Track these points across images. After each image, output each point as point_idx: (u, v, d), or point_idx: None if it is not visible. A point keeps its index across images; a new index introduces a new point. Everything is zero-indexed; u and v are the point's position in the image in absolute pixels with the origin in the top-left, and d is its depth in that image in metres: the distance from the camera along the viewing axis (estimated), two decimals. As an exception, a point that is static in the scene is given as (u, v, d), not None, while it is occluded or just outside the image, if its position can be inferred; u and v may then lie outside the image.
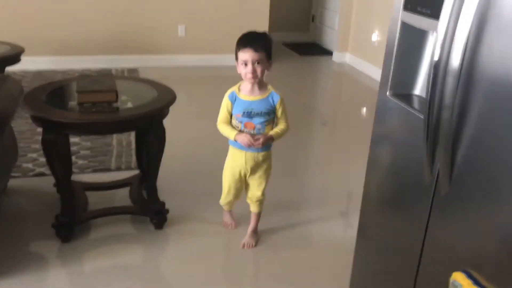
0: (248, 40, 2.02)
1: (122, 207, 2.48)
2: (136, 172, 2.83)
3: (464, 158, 1.19)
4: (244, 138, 2.06)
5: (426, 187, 1.33)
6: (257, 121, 2.09)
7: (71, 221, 2.25)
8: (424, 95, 1.35)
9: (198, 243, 2.38)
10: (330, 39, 6.61)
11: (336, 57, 6.23)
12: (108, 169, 3.00)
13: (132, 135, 3.44)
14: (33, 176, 2.88)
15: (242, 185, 2.28)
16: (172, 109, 2.34)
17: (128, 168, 3.01)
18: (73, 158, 3.02)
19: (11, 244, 2.28)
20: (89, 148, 3.27)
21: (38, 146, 3.24)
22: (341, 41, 6.15)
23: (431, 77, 1.20)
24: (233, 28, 5.58)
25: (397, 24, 1.44)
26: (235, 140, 2.09)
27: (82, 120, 2.01)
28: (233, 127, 2.11)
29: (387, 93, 1.51)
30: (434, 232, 1.32)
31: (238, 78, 2.15)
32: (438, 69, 1.19)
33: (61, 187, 2.22)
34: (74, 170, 2.85)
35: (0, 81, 2.42)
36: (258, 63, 2.01)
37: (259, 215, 2.36)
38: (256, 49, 1.99)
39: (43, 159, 3.05)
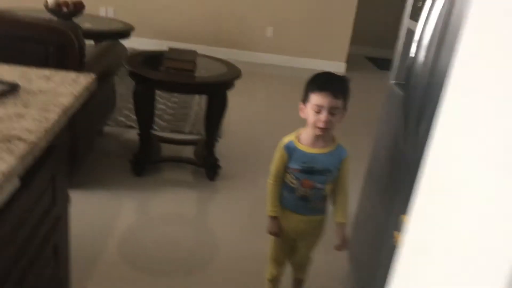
0: (327, 82, 1.66)
1: (185, 157, 3.06)
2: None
3: (426, 129, 1.58)
4: (275, 228, 1.78)
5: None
6: (318, 179, 1.70)
7: (145, 159, 2.85)
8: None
9: (241, 197, 2.88)
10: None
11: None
12: (182, 132, 3.61)
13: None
14: (124, 127, 3.55)
15: (289, 249, 1.90)
16: (249, 96, 2.78)
17: (199, 134, 3.59)
18: (157, 119, 3.67)
19: (99, 171, 2.93)
20: (171, 114, 3.91)
21: (132, 106, 3.94)
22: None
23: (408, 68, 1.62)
24: (316, 34, 6.07)
25: (404, 30, 1.86)
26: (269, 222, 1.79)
27: (165, 78, 2.61)
28: (286, 183, 1.75)
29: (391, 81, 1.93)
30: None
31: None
32: (414, 63, 1.59)
33: (142, 132, 2.83)
34: (155, 128, 3.50)
35: (113, 45, 3.11)
36: (334, 112, 1.63)
37: (303, 281, 2.01)
38: (335, 95, 1.61)
39: (134, 117, 3.73)
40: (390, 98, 1.93)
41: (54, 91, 1.38)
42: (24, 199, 1.13)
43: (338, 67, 6.07)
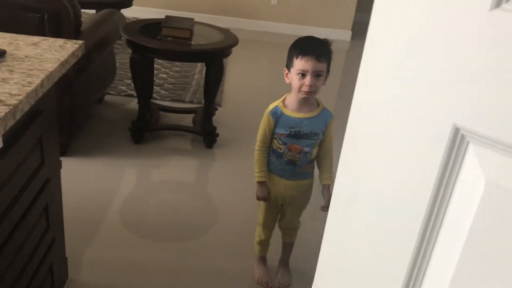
0: (310, 46, 1.67)
1: (184, 125, 3.11)
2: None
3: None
4: (263, 193, 1.82)
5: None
6: (305, 143, 1.73)
7: (143, 127, 2.90)
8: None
9: (238, 164, 2.92)
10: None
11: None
12: (182, 101, 3.64)
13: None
14: (124, 96, 3.58)
15: (277, 214, 1.95)
16: (252, 65, 2.78)
17: (199, 103, 3.61)
18: (158, 88, 3.71)
19: (99, 138, 2.99)
20: (172, 83, 3.93)
21: (132, 74, 3.97)
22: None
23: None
24: (321, 1, 5.99)
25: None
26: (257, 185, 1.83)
27: (161, 46, 2.63)
28: (273, 149, 1.79)
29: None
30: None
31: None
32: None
33: (140, 100, 2.87)
34: (156, 97, 3.53)
35: (111, 14, 3.12)
36: (318, 75, 1.65)
37: (292, 245, 2.03)
38: (319, 58, 1.63)
39: (134, 85, 3.77)
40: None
41: (40, 57, 1.41)
42: (8, 159, 1.18)
43: (343, 35, 6.02)
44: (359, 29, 6.55)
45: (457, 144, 0.48)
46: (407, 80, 0.49)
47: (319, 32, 1.74)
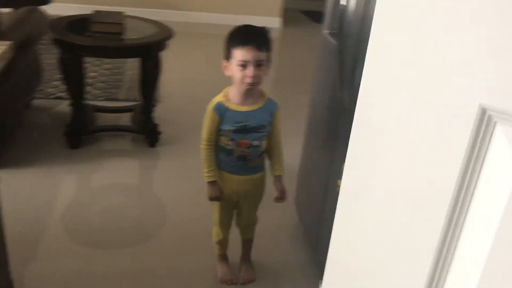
0: (249, 35, 1.60)
1: (122, 125, 2.96)
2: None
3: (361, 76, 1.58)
4: (216, 193, 1.74)
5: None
6: (253, 137, 1.67)
7: (79, 130, 2.72)
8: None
9: (184, 162, 2.82)
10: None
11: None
12: (117, 99, 3.47)
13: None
14: (53, 98, 3.36)
15: (233, 211, 1.88)
16: (186, 57, 2.69)
17: (135, 100, 3.44)
18: (89, 88, 3.50)
19: (32, 146, 2.77)
20: (104, 81, 3.74)
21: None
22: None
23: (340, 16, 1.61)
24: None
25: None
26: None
27: (91, 43, 2.47)
28: (221, 147, 1.71)
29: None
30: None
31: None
32: (345, 10, 1.58)
33: (73, 102, 2.69)
34: (89, 97, 3.34)
35: (30, 12, 2.89)
36: (260, 65, 1.58)
37: (252, 241, 1.97)
38: (259, 47, 1.56)
39: (63, 86, 3.54)
40: (324, 48, 1.92)
41: (-37, 62, 1.26)
42: None
43: (273, 22, 5.99)
44: (288, 16, 6.57)
45: (483, 125, 0.44)
46: (424, 60, 0.45)
47: (248, 20, 1.69)
